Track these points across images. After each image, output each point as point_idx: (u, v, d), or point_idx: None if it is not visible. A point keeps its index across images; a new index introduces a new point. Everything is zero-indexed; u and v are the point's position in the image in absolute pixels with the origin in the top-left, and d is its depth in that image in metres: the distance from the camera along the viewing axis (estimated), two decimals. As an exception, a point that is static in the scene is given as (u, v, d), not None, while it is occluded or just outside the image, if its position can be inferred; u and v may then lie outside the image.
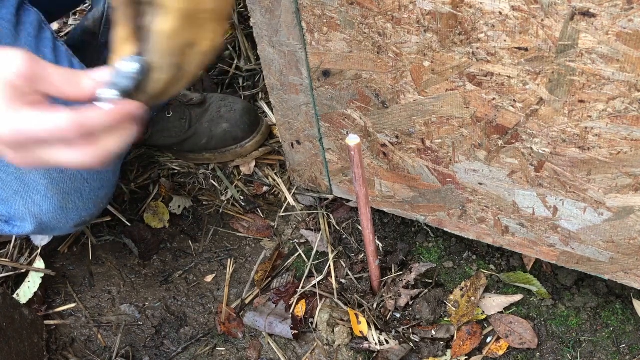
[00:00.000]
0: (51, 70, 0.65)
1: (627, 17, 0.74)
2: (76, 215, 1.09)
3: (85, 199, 1.09)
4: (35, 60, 0.64)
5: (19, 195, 1.04)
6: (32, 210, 1.05)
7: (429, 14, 0.88)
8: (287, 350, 1.37)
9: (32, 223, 1.07)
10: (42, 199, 1.04)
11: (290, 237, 1.54)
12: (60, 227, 1.10)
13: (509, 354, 1.32)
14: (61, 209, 1.06)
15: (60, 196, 1.05)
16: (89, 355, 1.39)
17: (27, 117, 0.62)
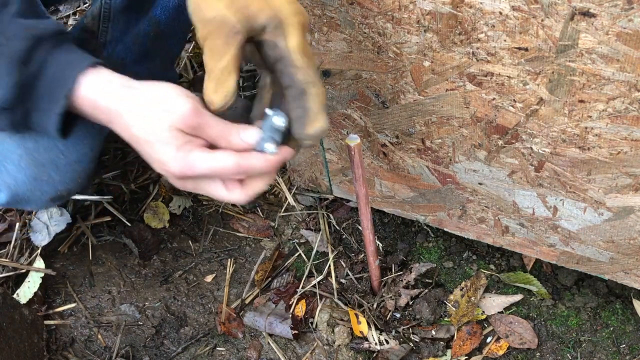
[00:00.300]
0: (211, 120, 0.75)
1: (627, 17, 0.74)
2: (51, 188, 1.06)
3: (62, 172, 1.06)
4: (200, 111, 0.75)
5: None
6: (7, 181, 1.03)
7: (429, 14, 0.88)
8: (287, 350, 1.37)
9: (6, 194, 1.05)
10: (16, 168, 1.02)
11: (290, 237, 1.54)
12: (35, 200, 1.07)
13: (509, 354, 1.32)
14: (35, 181, 1.03)
15: (35, 167, 1.02)
16: (89, 355, 1.39)
17: (197, 157, 0.74)
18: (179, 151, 0.74)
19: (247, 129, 0.77)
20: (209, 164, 0.74)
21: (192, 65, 1.87)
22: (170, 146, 0.74)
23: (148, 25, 1.35)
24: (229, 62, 0.75)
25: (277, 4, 0.75)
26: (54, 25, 0.79)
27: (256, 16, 0.74)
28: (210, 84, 0.76)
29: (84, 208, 1.56)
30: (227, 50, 0.74)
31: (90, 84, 0.77)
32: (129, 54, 1.39)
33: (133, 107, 0.76)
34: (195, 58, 1.89)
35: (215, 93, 0.76)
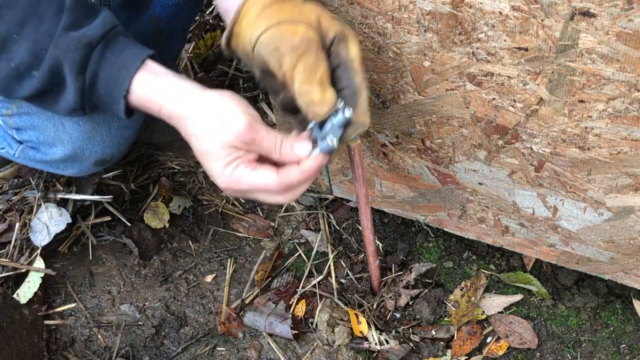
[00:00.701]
0: (264, 135, 0.82)
1: (627, 17, 0.74)
2: (100, 149, 1.12)
3: (112, 135, 1.13)
4: (254, 127, 0.81)
5: (51, 122, 1.08)
6: (62, 137, 1.09)
7: (429, 14, 0.88)
8: (287, 350, 1.37)
9: (61, 149, 1.11)
10: (73, 125, 1.08)
11: (290, 237, 1.54)
12: (84, 160, 1.14)
13: (509, 354, 1.32)
14: (88, 139, 1.10)
15: (90, 125, 1.09)
16: (89, 355, 1.39)
17: (242, 174, 0.82)
18: (227, 167, 0.81)
19: (299, 142, 0.84)
20: (252, 182, 0.82)
21: (193, 66, 1.87)
22: (220, 161, 0.82)
23: (148, 23, 1.35)
24: (323, 74, 0.82)
25: (340, 22, 0.86)
26: (100, 26, 0.84)
27: (328, 32, 0.84)
28: (314, 96, 0.82)
29: (83, 208, 1.56)
30: (320, 64, 0.82)
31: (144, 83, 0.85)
32: None
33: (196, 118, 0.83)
34: (195, 59, 1.89)
35: (321, 104, 0.83)
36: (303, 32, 0.81)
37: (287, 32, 0.81)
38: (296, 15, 0.82)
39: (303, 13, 0.83)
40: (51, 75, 0.84)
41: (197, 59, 1.89)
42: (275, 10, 0.83)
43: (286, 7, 0.83)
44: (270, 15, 0.82)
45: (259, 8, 0.83)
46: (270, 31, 0.81)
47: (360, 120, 0.86)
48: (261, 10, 0.83)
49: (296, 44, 0.80)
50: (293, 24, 0.81)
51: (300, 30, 0.81)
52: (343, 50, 0.84)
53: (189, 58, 1.88)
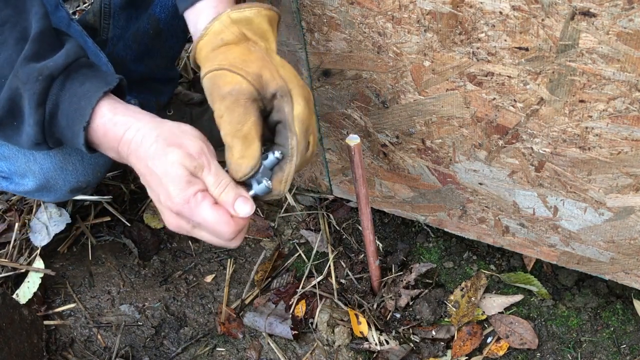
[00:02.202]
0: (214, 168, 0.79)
1: (627, 16, 0.74)
2: (74, 178, 1.10)
3: (86, 163, 1.10)
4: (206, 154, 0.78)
5: (22, 152, 1.06)
6: (33, 168, 1.07)
7: (429, 14, 0.88)
8: (287, 350, 1.37)
9: (32, 180, 1.09)
10: (44, 156, 1.05)
11: (290, 237, 1.54)
12: (58, 189, 1.12)
13: (509, 354, 1.32)
14: (60, 169, 1.07)
15: (62, 156, 1.07)
16: (89, 355, 1.39)
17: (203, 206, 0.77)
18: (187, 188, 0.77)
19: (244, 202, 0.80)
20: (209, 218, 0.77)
21: (192, 65, 1.87)
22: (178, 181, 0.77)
23: (147, 23, 1.35)
24: (250, 128, 0.79)
25: (285, 75, 0.82)
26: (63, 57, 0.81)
27: (268, 84, 0.80)
28: (234, 152, 0.80)
29: (83, 208, 1.56)
30: (248, 117, 0.79)
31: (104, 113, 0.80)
32: (129, 52, 1.39)
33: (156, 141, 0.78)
34: (195, 58, 1.89)
35: (242, 159, 0.80)
36: (234, 83, 0.79)
37: (220, 80, 0.79)
38: (237, 63, 0.80)
39: (245, 61, 0.81)
40: (9, 106, 0.81)
41: (197, 59, 1.89)
42: (222, 54, 0.81)
43: (234, 51, 0.82)
44: (216, 57, 0.81)
45: (209, 48, 0.83)
46: (209, 75, 0.81)
47: (275, 188, 0.82)
48: (210, 51, 0.82)
49: (224, 93, 0.79)
50: (230, 71, 0.80)
51: (233, 79, 0.79)
52: (286, 107, 0.81)
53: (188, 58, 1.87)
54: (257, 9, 0.84)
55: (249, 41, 0.84)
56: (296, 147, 0.81)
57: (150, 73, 1.45)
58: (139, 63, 1.41)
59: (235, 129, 0.79)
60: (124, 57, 1.40)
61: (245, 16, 0.83)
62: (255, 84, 0.80)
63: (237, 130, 0.79)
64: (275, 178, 0.82)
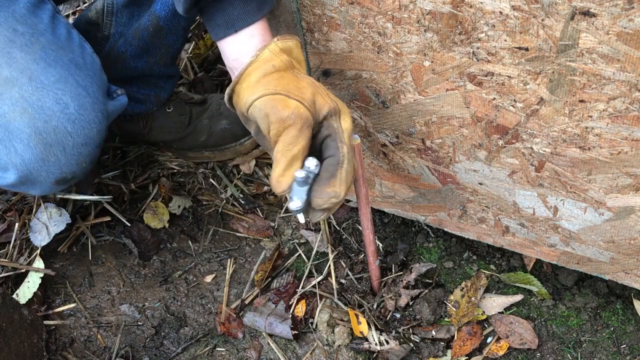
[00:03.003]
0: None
1: (627, 16, 0.74)
2: (57, 169, 1.10)
3: (68, 154, 1.10)
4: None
5: (2, 144, 1.06)
6: (14, 160, 1.07)
7: (429, 14, 0.88)
8: (287, 350, 1.37)
9: (14, 173, 1.08)
10: (25, 148, 1.05)
11: (290, 237, 1.54)
12: (42, 181, 1.11)
13: (509, 354, 1.32)
14: (42, 161, 1.07)
15: (43, 147, 1.06)
16: (89, 355, 1.38)
17: None
18: None
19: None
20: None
21: (193, 66, 1.87)
22: None
23: (148, 20, 1.36)
24: (299, 151, 0.88)
25: (335, 97, 0.92)
26: None
27: (322, 108, 0.90)
28: (277, 169, 0.89)
29: (83, 208, 1.56)
30: (300, 141, 0.88)
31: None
32: (129, 48, 1.40)
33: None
34: (195, 59, 1.89)
35: (282, 177, 0.89)
36: (294, 107, 0.87)
37: (279, 104, 0.87)
38: (293, 89, 0.88)
39: (300, 88, 0.89)
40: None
41: (197, 59, 1.89)
42: (275, 79, 0.88)
43: (286, 78, 0.89)
44: (269, 83, 0.88)
45: (260, 74, 0.89)
46: (265, 98, 0.87)
47: (334, 189, 0.89)
48: (261, 77, 0.88)
49: (284, 116, 0.86)
50: (289, 97, 0.87)
51: (292, 104, 0.87)
52: (335, 123, 0.91)
53: (188, 58, 1.88)
54: (296, 40, 0.93)
55: (294, 69, 0.91)
56: (347, 155, 0.90)
57: (149, 69, 1.46)
58: (138, 59, 1.42)
59: (287, 148, 0.88)
60: (124, 52, 1.40)
61: (289, 46, 0.91)
62: (311, 109, 0.88)
63: (288, 150, 0.88)
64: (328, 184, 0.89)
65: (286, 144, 0.88)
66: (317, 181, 0.91)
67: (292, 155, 0.88)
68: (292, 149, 0.88)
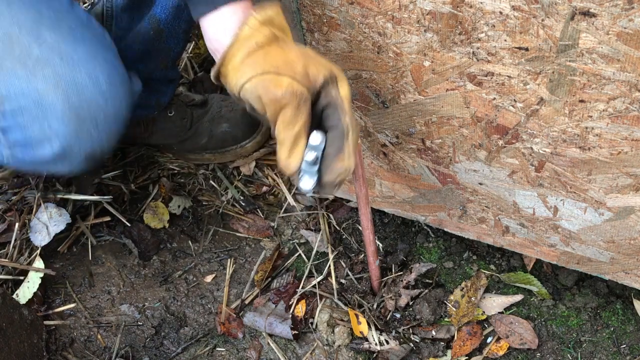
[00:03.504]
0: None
1: (627, 16, 0.74)
2: (89, 144, 1.11)
3: (100, 129, 1.11)
4: None
5: (37, 120, 1.06)
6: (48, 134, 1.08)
7: (429, 14, 0.88)
8: (287, 350, 1.37)
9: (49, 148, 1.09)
10: (59, 122, 1.06)
11: (290, 237, 1.54)
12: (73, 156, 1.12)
13: (509, 354, 1.32)
14: (76, 135, 1.08)
15: (76, 121, 1.07)
16: (89, 355, 1.39)
17: None
18: None
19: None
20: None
21: (193, 66, 1.87)
22: None
23: (148, 23, 1.36)
24: (301, 128, 0.84)
25: (327, 62, 0.86)
26: None
27: (316, 78, 0.84)
28: (283, 151, 0.86)
29: (83, 208, 1.56)
30: (299, 118, 0.84)
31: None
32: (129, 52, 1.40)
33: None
34: (195, 59, 1.89)
35: (290, 158, 0.86)
36: (287, 85, 0.82)
37: (270, 84, 0.82)
38: (281, 65, 0.83)
39: (289, 62, 0.84)
40: None
41: (197, 59, 1.89)
42: (261, 57, 0.83)
43: (271, 53, 0.84)
44: (256, 63, 0.83)
45: (243, 54, 0.83)
46: (254, 80, 0.83)
47: (344, 164, 0.86)
48: (246, 57, 0.84)
49: (278, 96, 0.82)
50: (279, 75, 0.82)
51: (284, 82, 0.82)
52: (333, 90, 0.86)
53: (189, 58, 1.87)
54: (274, 6, 0.86)
55: (279, 40, 0.86)
56: (350, 123, 0.86)
57: (150, 73, 1.45)
58: (139, 63, 1.42)
59: (287, 128, 0.84)
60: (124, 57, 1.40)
61: (269, 16, 0.85)
62: (305, 82, 0.83)
63: (289, 130, 0.84)
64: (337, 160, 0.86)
65: (285, 123, 0.84)
66: (325, 157, 0.87)
67: (294, 134, 0.85)
68: (292, 128, 0.84)
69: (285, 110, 0.83)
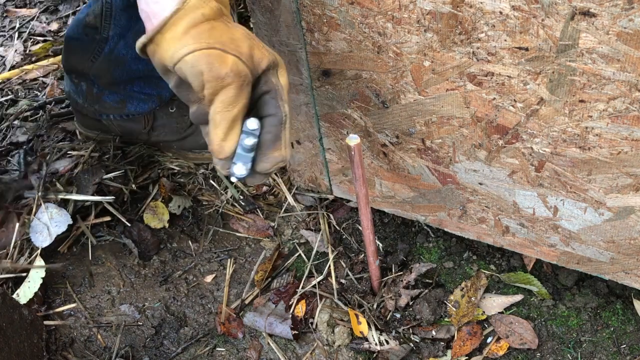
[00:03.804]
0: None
1: (627, 16, 0.74)
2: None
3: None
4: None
5: None
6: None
7: (429, 14, 0.88)
8: (287, 350, 1.37)
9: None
10: None
11: (290, 237, 1.54)
12: None
13: (509, 354, 1.32)
14: None
15: None
16: (89, 355, 1.39)
17: None
18: None
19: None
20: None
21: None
22: None
23: None
24: (239, 111, 0.82)
25: (270, 50, 0.85)
26: None
27: (260, 63, 0.82)
28: (218, 133, 0.82)
29: (84, 208, 1.56)
30: (239, 100, 0.81)
31: None
32: (130, 51, 1.40)
33: None
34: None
35: (224, 141, 0.82)
36: (232, 64, 0.78)
37: (216, 60, 0.78)
38: (228, 42, 0.79)
39: (235, 40, 0.80)
40: None
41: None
42: (207, 31, 0.79)
43: (218, 29, 0.80)
44: (200, 35, 0.78)
45: (188, 24, 0.79)
46: (198, 54, 0.78)
47: (281, 153, 0.85)
48: (190, 27, 0.79)
49: (222, 74, 0.78)
50: (225, 52, 0.78)
51: (229, 60, 0.78)
52: (273, 78, 0.85)
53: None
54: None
55: (224, 16, 0.82)
56: (288, 114, 0.85)
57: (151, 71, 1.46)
58: (139, 61, 1.42)
59: (226, 109, 0.80)
60: (124, 55, 1.41)
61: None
62: (249, 64, 0.81)
63: (228, 111, 0.81)
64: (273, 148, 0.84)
65: (225, 104, 0.80)
66: (261, 144, 0.84)
67: (232, 116, 0.81)
68: (232, 109, 0.80)
69: (226, 90, 0.79)
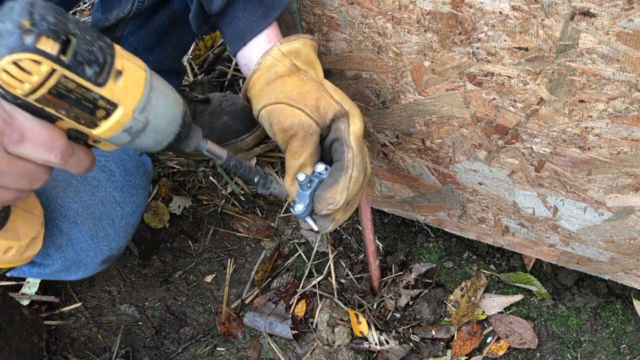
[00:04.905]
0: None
1: (627, 17, 0.74)
2: (106, 246, 1.00)
3: (116, 226, 1.01)
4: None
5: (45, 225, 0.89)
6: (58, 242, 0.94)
7: (429, 14, 0.88)
8: (287, 350, 1.37)
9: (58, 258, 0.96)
10: (71, 226, 0.94)
11: (290, 237, 1.54)
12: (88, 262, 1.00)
13: (509, 354, 1.32)
14: (92, 238, 0.97)
15: (91, 222, 0.96)
16: (89, 355, 1.39)
17: None
18: None
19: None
20: None
21: (192, 68, 1.87)
22: None
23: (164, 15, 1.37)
24: (305, 159, 0.87)
25: (339, 98, 0.88)
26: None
27: (326, 113, 0.87)
28: (287, 178, 0.89)
29: (83, 208, 1.56)
30: (305, 149, 0.86)
31: None
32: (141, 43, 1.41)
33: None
34: (195, 60, 1.89)
35: (292, 185, 0.88)
36: (294, 116, 0.85)
37: (281, 113, 0.85)
38: (295, 96, 0.86)
39: (302, 94, 0.86)
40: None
41: (197, 60, 1.89)
42: (278, 87, 0.86)
43: (289, 84, 0.86)
44: (272, 91, 0.86)
45: (263, 82, 0.87)
46: (268, 108, 0.86)
47: (333, 196, 0.86)
48: (265, 85, 0.87)
49: (286, 126, 0.85)
50: (290, 105, 0.85)
51: (294, 113, 0.85)
52: (342, 125, 0.88)
53: (189, 60, 1.88)
54: (303, 39, 0.89)
55: (300, 71, 0.88)
56: (352, 160, 0.86)
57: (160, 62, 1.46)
58: (150, 52, 1.42)
59: (293, 158, 0.87)
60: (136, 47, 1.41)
61: (294, 48, 0.88)
62: (313, 115, 0.86)
63: (294, 160, 0.87)
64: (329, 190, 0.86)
65: (292, 152, 0.87)
66: (321, 186, 0.88)
67: (299, 164, 0.87)
68: (297, 158, 0.87)
69: (293, 140, 0.86)
